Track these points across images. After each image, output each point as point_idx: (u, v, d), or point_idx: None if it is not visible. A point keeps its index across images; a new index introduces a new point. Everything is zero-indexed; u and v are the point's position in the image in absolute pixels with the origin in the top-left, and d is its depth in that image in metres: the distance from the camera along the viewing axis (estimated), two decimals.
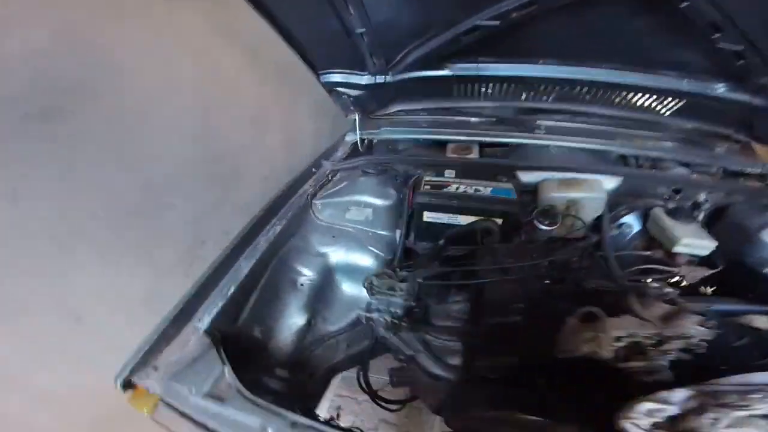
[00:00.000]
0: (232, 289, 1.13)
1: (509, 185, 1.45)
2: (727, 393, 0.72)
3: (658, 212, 1.35)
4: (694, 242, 1.24)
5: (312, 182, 1.67)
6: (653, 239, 1.40)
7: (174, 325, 1.03)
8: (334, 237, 1.53)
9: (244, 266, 1.21)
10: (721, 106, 1.46)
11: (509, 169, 1.53)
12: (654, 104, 1.56)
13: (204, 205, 1.66)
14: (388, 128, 1.84)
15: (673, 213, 1.33)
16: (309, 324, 1.41)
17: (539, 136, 1.63)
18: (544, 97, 1.62)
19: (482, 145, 1.73)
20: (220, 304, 1.10)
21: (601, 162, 1.62)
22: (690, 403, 0.74)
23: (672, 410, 0.74)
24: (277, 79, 2.05)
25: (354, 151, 1.91)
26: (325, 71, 1.63)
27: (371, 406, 1.42)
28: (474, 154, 1.68)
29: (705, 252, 1.26)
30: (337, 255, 1.51)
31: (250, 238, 1.32)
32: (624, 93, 1.53)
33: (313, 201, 1.61)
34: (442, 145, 1.82)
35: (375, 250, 1.51)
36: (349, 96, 1.73)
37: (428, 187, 1.43)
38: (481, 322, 1.10)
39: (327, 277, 1.49)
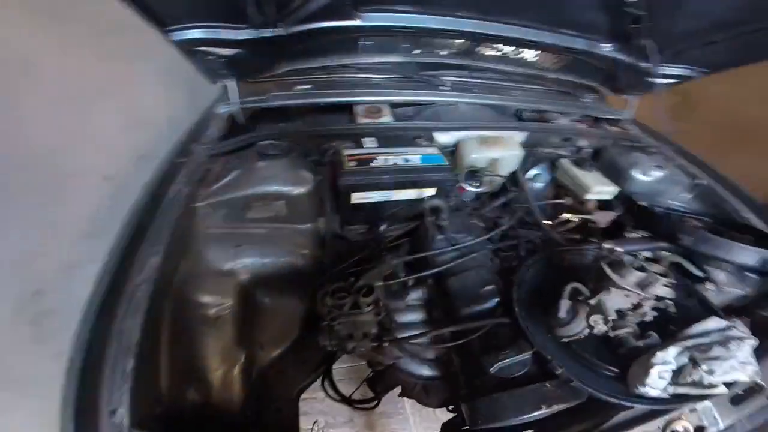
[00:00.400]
0: (129, 365, 0.71)
1: (435, 150, 1.32)
2: (711, 345, 0.77)
3: (566, 163, 1.42)
4: (602, 189, 1.34)
5: (184, 178, 1.21)
6: (560, 188, 1.49)
7: None
8: (238, 246, 1.15)
9: (130, 326, 0.76)
10: (597, 63, 1.58)
11: (430, 130, 1.39)
12: (545, 60, 1.61)
13: (26, 236, 1.04)
14: (279, 93, 1.47)
15: (579, 163, 1.41)
16: (250, 356, 1.07)
17: (448, 93, 1.52)
18: (448, 52, 1.50)
19: (392, 105, 1.54)
20: (126, 386, 0.69)
21: (505, 117, 1.62)
22: (682, 359, 0.77)
23: (672, 367, 0.75)
24: (94, 40, 1.41)
25: (233, 127, 1.49)
26: (179, 27, 1.15)
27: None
28: (388, 117, 1.46)
29: (610, 196, 1.37)
30: (249, 268, 1.15)
31: (120, 279, 0.86)
32: (523, 49, 1.50)
33: (195, 205, 1.19)
34: (346, 109, 1.56)
35: (298, 250, 1.21)
36: (220, 57, 1.29)
37: (353, 163, 1.19)
38: (457, 315, 0.97)
39: (246, 297, 1.13)
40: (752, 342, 0.77)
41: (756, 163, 1.52)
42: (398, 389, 1.09)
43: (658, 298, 0.85)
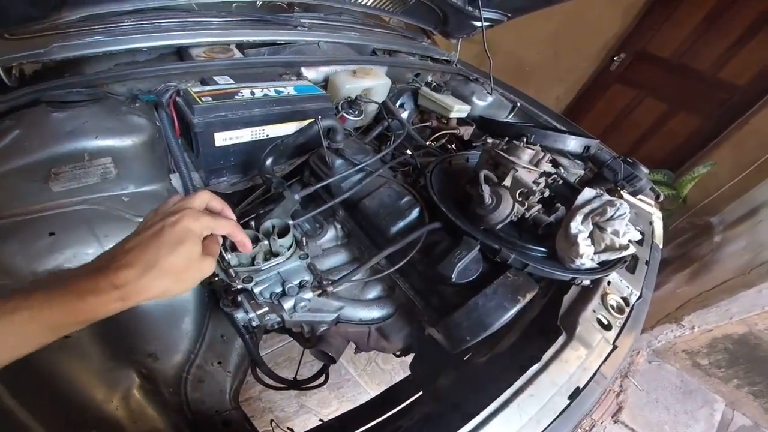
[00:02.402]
0: None
1: (305, 82, 1.07)
2: (601, 209, 0.78)
3: (427, 90, 1.38)
4: (461, 107, 1.33)
5: None
6: (423, 113, 1.46)
7: None
8: (52, 235, 0.67)
9: None
10: (432, 6, 1.55)
11: (297, 65, 1.12)
12: (388, 2, 1.50)
13: None
14: (69, 43, 0.92)
15: (436, 89, 1.39)
16: (146, 372, 0.69)
17: (309, 33, 1.27)
18: None
19: (240, 48, 1.18)
20: None
21: (363, 55, 1.48)
22: (587, 226, 0.77)
23: (586, 235, 0.77)
24: None
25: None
26: None
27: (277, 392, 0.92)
28: (238, 56, 1.12)
29: (465, 114, 1.38)
30: (85, 258, 0.67)
31: None
32: None
33: None
34: (174, 58, 1.12)
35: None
36: None
37: (209, 99, 0.83)
38: (385, 235, 0.79)
39: None
40: (623, 203, 0.80)
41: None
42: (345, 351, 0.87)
43: (546, 174, 0.87)
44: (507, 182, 0.75)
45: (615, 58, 3.17)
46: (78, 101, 0.77)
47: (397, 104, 1.38)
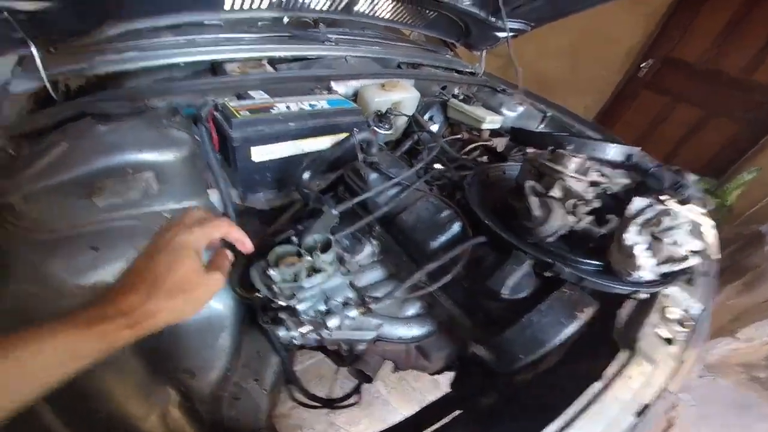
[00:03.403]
0: None
1: (337, 96, 1.09)
2: (657, 219, 0.76)
3: (457, 102, 1.38)
4: (493, 118, 1.32)
5: None
6: (453, 125, 1.45)
7: None
8: (95, 250, 0.69)
9: None
10: (456, 18, 1.57)
11: (328, 79, 1.14)
12: (413, 15, 1.53)
13: None
14: (110, 57, 0.98)
15: (466, 101, 1.38)
16: (182, 390, 0.68)
17: (336, 47, 1.30)
18: (329, 6, 1.26)
19: (272, 63, 1.21)
20: None
21: (388, 68, 1.49)
22: (644, 237, 0.73)
23: (644, 246, 0.73)
24: None
25: (40, 105, 0.96)
26: None
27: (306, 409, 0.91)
28: (270, 71, 1.15)
29: (497, 125, 1.37)
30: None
31: None
32: (397, 2, 1.37)
33: (2, 201, 0.68)
34: (208, 73, 1.17)
35: None
36: (16, 14, 0.77)
37: (246, 113, 0.85)
38: (425, 251, 0.77)
39: None
40: (680, 210, 0.78)
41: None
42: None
43: (594, 184, 0.84)
44: (555, 192, 0.73)
45: (642, 65, 3.14)
46: (121, 114, 0.80)
47: (426, 117, 1.38)
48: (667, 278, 0.75)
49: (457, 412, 0.86)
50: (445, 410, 0.90)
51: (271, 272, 0.58)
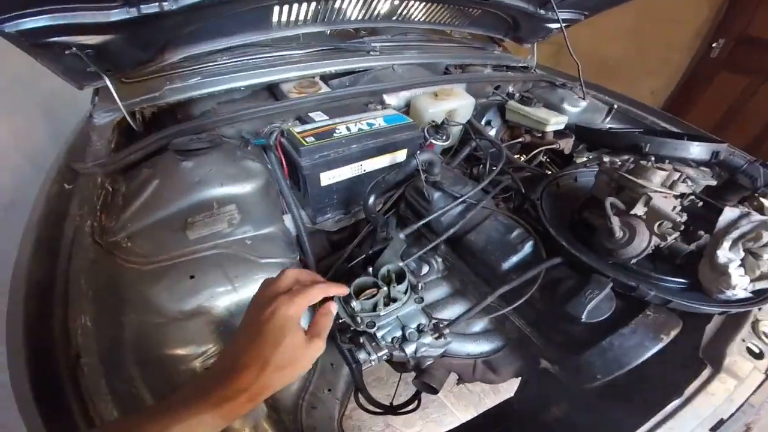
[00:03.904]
0: None
1: (392, 111, 1.12)
2: (755, 233, 0.71)
3: (516, 104, 1.35)
4: (557, 119, 1.27)
5: (79, 209, 0.81)
6: (512, 128, 1.42)
7: None
8: (193, 278, 0.77)
9: None
10: (503, 14, 1.52)
11: (380, 93, 1.18)
12: (455, 16, 1.51)
13: None
14: (178, 85, 1.09)
15: (525, 102, 1.35)
16: (269, 404, 0.75)
17: (382, 57, 1.33)
18: (370, 16, 1.29)
19: (324, 79, 1.28)
20: None
21: (437, 74, 1.49)
22: (738, 253, 0.70)
23: (738, 263, 0.69)
24: None
25: (125, 137, 1.09)
26: (16, 14, 0.74)
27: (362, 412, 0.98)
28: (325, 90, 1.20)
29: (562, 126, 1.32)
30: (221, 300, 0.77)
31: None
32: (439, 4, 1.35)
33: (111, 239, 0.79)
34: (266, 93, 1.25)
35: (268, 259, 0.89)
36: (84, 48, 0.88)
37: (312, 139, 0.91)
38: (496, 272, 0.78)
39: (230, 335, 0.76)
40: None
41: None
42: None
43: (682, 196, 0.79)
44: (638, 210, 0.70)
45: (714, 45, 2.89)
46: (201, 149, 0.89)
47: (483, 122, 1.36)
48: (763, 295, 0.71)
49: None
50: (505, 418, 0.92)
51: (353, 303, 0.63)
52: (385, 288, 0.65)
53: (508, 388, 1.76)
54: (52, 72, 0.94)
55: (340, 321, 0.67)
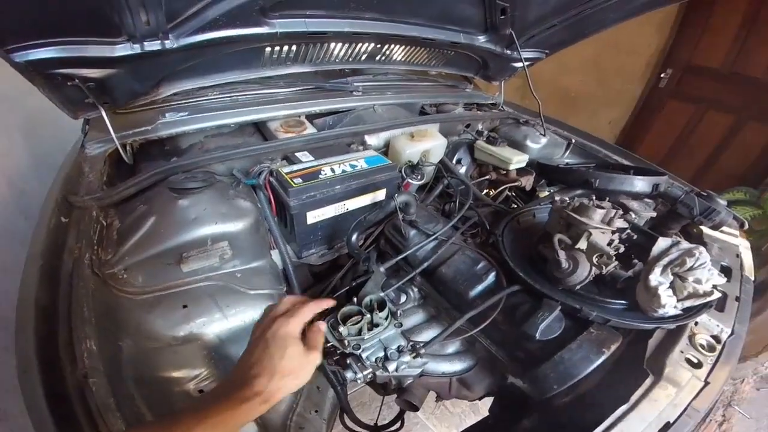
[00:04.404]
0: None
1: (373, 152, 1.25)
2: (680, 259, 0.85)
3: (482, 144, 1.51)
4: (520, 158, 1.45)
5: (76, 242, 0.88)
6: (480, 166, 1.58)
7: None
8: (186, 307, 0.85)
9: None
10: (473, 55, 1.71)
11: (362, 134, 1.31)
12: (431, 58, 1.69)
13: None
14: (171, 120, 1.19)
15: (491, 142, 1.52)
16: (258, 424, 0.80)
17: (364, 97, 1.48)
18: (353, 57, 1.44)
19: (308, 118, 1.40)
20: None
21: (414, 114, 1.66)
22: (667, 277, 0.84)
23: (667, 285, 0.84)
24: None
25: (114, 167, 1.16)
26: (25, 45, 0.84)
27: None
28: (310, 129, 1.32)
29: (524, 164, 1.49)
30: (212, 327, 0.85)
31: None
32: (416, 47, 1.53)
33: (107, 271, 0.87)
34: (253, 129, 1.36)
35: (257, 291, 0.98)
36: (87, 81, 0.98)
37: (299, 180, 1.02)
38: (464, 299, 0.90)
39: (231, 357, 0.85)
40: (702, 250, 0.87)
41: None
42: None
43: (620, 230, 0.95)
44: (582, 245, 0.85)
45: (662, 75, 3.22)
46: (196, 188, 0.98)
47: (454, 160, 1.51)
48: (691, 312, 0.86)
49: None
50: None
51: (341, 329, 0.73)
52: (369, 315, 0.75)
53: (487, 410, 1.87)
54: (51, 101, 1.02)
55: (328, 345, 0.77)
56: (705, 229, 1.33)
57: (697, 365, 0.86)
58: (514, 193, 1.50)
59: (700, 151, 3.13)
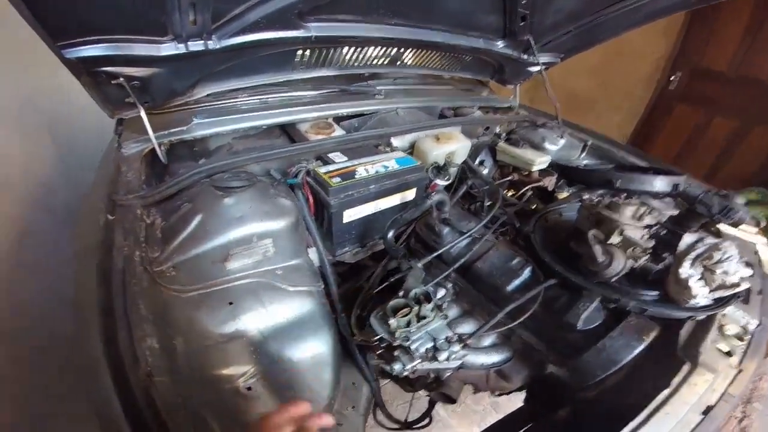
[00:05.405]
0: None
1: (402, 153, 1.31)
2: (708, 253, 0.92)
3: (505, 146, 1.59)
4: (542, 159, 1.52)
5: (124, 240, 0.94)
6: (503, 167, 1.65)
7: None
8: (231, 304, 0.90)
9: None
10: (490, 60, 1.80)
11: (388, 136, 1.37)
12: (449, 62, 1.77)
13: None
14: (205, 120, 1.25)
15: (514, 143, 1.59)
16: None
17: (387, 101, 1.55)
18: (377, 61, 1.52)
19: (336, 120, 1.47)
20: None
21: (433, 116, 1.73)
22: (698, 269, 0.91)
23: (698, 277, 0.90)
24: None
25: (155, 166, 1.22)
26: (75, 41, 0.89)
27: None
28: (338, 131, 1.39)
29: (546, 165, 1.56)
30: (256, 322, 0.90)
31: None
32: (437, 52, 1.59)
33: (156, 269, 0.91)
34: (281, 131, 1.43)
35: (297, 288, 1.02)
36: (131, 79, 1.03)
37: (337, 179, 1.08)
38: (501, 293, 0.96)
39: (273, 354, 0.89)
40: (729, 243, 0.94)
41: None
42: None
43: (648, 227, 1.01)
44: (614, 240, 0.91)
45: (672, 78, 3.30)
46: (240, 186, 1.03)
47: (477, 161, 1.58)
48: (720, 302, 0.92)
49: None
50: (518, 424, 1.07)
51: (391, 321, 0.78)
52: (417, 307, 0.81)
53: (508, 407, 1.91)
54: (93, 98, 1.07)
55: (373, 340, 0.82)
56: (723, 227, 1.40)
57: (729, 353, 0.93)
58: (533, 194, 1.56)
59: (708, 154, 3.22)
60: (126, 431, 0.63)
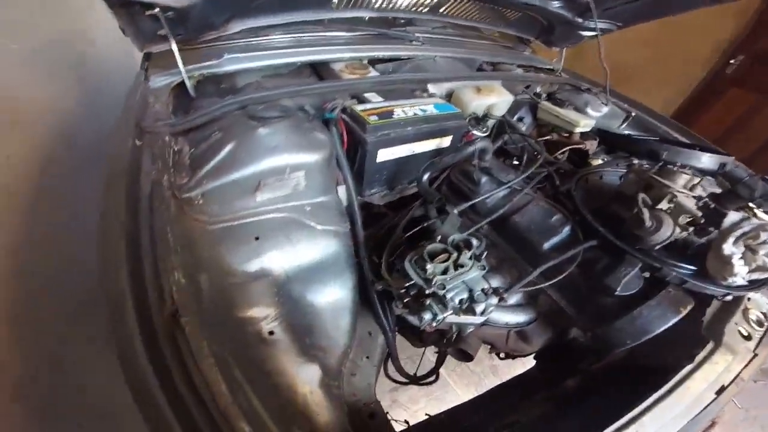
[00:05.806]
0: None
1: (440, 99, 1.25)
2: (754, 232, 0.89)
3: (549, 105, 1.51)
4: (586, 122, 1.45)
5: (151, 165, 0.91)
6: (542, 127, 1.59)
7: None
8: (257, 239, 0.88)
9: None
10: (539, 18, 1.68)
11: (427, 82, 1.31)
12: (495, 16, 1.65)
13: None
14: (238, 55, 1.20)
15: (557, 103, 1.52)
16: (322, 366, 0.85)
17: (425, 47, 1.46)
18: (419, 9, 1.42)
19: (370, 63, 1.40)
20: None
21: (472, 69, 1.64)
22: (739, 248, 0.87)
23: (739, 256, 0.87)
24: None
25: (182, 100, 1.18)
26: None
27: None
28: (373, 72, 1.33)
29: (589, 128, 1.50)
30: (281, 261, 0.88)
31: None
32: (485, 3, 1.51)
33: (184, 196, 0.88)
34: (315, 71, 1.37)
35: (324, 227, 1.01)
36: (166, 10, 0.98)
37: (375, 117, 1.04)
38: (537, 251, 0.94)
39: (296, 297, 0.88)
40: None
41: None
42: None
43: (698, 198, 0.97)
44: (664, 206, 0.87)
45: (732, 61, 3.15)
46: (276, 117, 1.00)
47: (515, 118, 1.51)
48: (757, 284, 0.90)
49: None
50: (521, 391, 1.08)
51: (428, 266, 0.76)
52: (456, 254, 0.78)
53: (506, 371, 1.95)
54: (124, 32, 1.04)
55: (402, 287, 0.80)
56: (760, 213, 1.35)
57: (747, 338, 0.93)
58: (566, 156, 1.50)
59: (751, 142, 3.10)
60: (151, 381, 0.62)
